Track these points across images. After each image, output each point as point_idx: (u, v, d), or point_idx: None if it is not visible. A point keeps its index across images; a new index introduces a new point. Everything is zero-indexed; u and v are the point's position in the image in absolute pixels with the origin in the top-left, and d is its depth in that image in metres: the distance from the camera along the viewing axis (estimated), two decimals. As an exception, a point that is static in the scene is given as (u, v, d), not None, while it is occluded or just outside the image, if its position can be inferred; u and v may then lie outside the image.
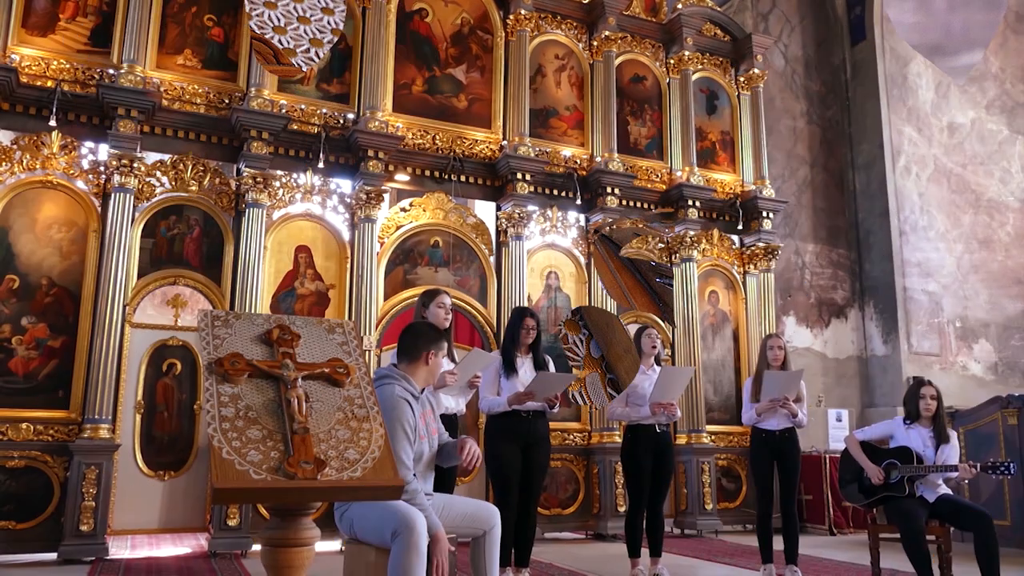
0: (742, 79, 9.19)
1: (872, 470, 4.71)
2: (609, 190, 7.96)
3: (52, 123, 6.05)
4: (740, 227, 8.69)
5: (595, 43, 8.46)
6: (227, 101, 6.80)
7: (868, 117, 10.00)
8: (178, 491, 6.27)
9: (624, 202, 8.22)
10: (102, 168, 6.30)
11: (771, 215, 8.77)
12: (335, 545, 5.94)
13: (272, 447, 1.78)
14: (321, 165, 6.88)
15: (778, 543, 5.14)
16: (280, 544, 1.85)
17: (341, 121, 7.18)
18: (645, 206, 8.52)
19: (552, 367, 4.85)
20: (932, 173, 10.03)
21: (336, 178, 7.15)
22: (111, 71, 6.39)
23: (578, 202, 7.98)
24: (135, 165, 6.25)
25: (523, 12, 7.97)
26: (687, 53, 8.78)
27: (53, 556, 5.60)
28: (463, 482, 7.12)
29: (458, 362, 4.26)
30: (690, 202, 8.35)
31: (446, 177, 7.57)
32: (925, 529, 4.43)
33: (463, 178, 7.66)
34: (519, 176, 7.57)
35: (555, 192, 8.04)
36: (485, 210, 7.99)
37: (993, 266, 10.07)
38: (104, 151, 6.33)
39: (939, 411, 4.80)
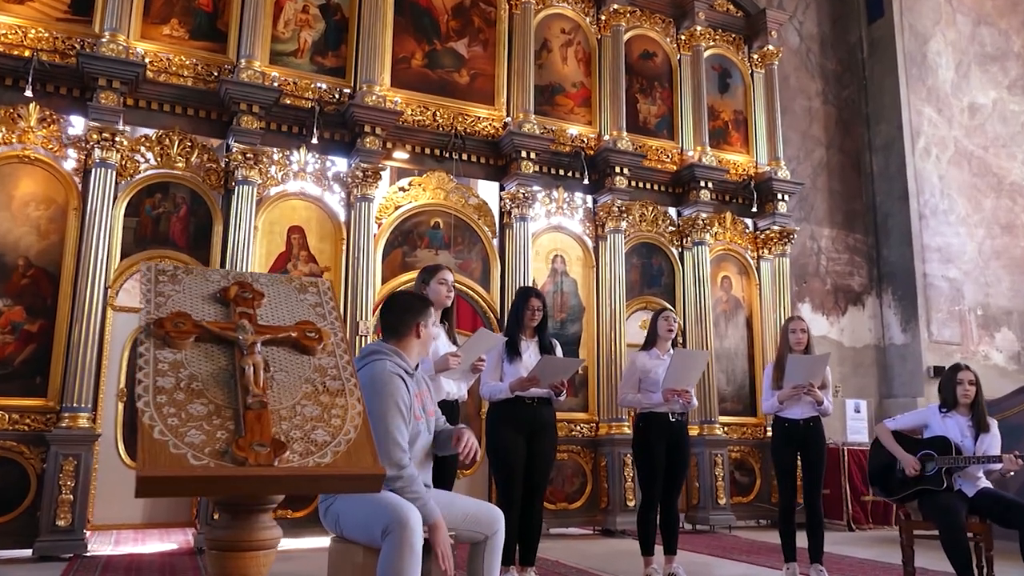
0: (756, 56, 8.82)
1: (907, 460, 4.36)
2: (618, 170, 7.59)
3: (28, 93, 5.70)
4: (755, 209, 8.32)
5: (603, 17, 8.09)
6: (216, 74, 6.44)
7: (886, 96, 9.61)
8: (163, 484, 5.93)
9: (633, 183, 7.85)
10: (83, 142, 5.95)
11: (786, 198, 8.40)
12: (326, 542, 5.60)
13: (219, 426, 1.43)
14: (315, 141, 6.53)
15: (799, 540, 4.80)
16: (230, 548, 1.48)
17: (336, 96, 6.83)
18: (655, 187, 8.16)
19: (559, 351, 4.51)
20: (952, 155, 9.64)
21: (331, 156, 6.80)
22: (92, 40, 6.03)
23: (585, 182, 7.61)
24: (117, 139, 5.89)
25: (528, -17, 7.61)
26: (699, 28, 8.41)
27: (28, 552, 5.27)
28: (464, 475, 6.78)
29: (460, 344, 3.91)
30: (702, 183, 7.98)
31: (447, 155, 7.21)
32: (966, 525, 4.08)
33: (465, 157, 7.31)
34: (523, 155, 7.21)
35: (561, 172, 7.68)
36: (488, 190, 7.63)
37: (1016, 252, 9.69)
38: (85, 125, 5.98)
39: (978, 397, 4.45)
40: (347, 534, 2.65)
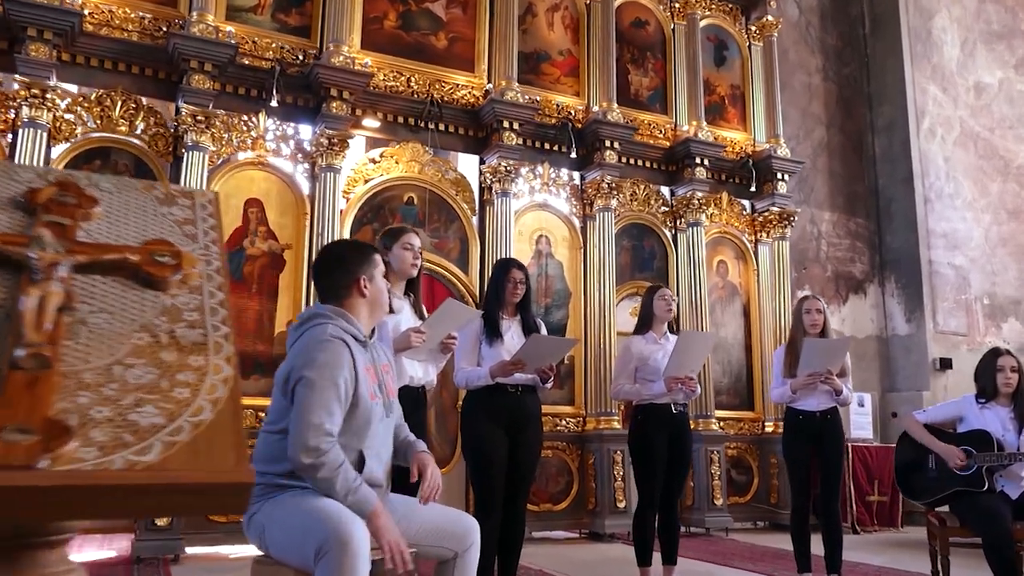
0: (753, 28, 8.28)
1: (949, 452, 3.83)
2: (608, 144, 7.01)
3: (-55, 42, 5.04)
4: (753, 189, 7.77)
5: (592, -19, 7.50)
6: (165, 29, 5.79)
7: (889, 74, 9.09)
8: (100, 484, 5.29)
9: (624, 159, 7.28)
10: (10, 100, 5.29)
11: (786, 177, 7.86)
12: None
13: (-42, 397, 0.84)
14: (275, 103, 5.90)
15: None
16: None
17: (300, 57, 6.20)
18: (647, 165, 7.59)
19: (544, 330, 3.93)
20: (958, 136, 9.14)
21: (294, 122, 6.18)
22: (23, -13, 5.36)
23: (572, 155, 7.03)
24: (48, 96, 5.24)
25: (511, -59, 7.00)
26: (694, -4, 7.85)
27: (-62, 563, 4.62)
28: (439, 474, 6.18)
29: (427, 318, 3.31)
30: (698, 160, 7.42)
31: (422, 125, 6.60)
32: (1013, 531, 3.55)
33: (442, 127, 6.69)
34: (506, 125, 6.60)
35: (546, 146, 7.09)
36: (467, 164, 7.03)
37: (1023, 239, 9.22)
38: (13, 82, 5.32)
39: (1021, 386, 3.92)
40: (274, 552, 2.06)
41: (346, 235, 6.18)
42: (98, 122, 5.56)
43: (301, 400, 2.02)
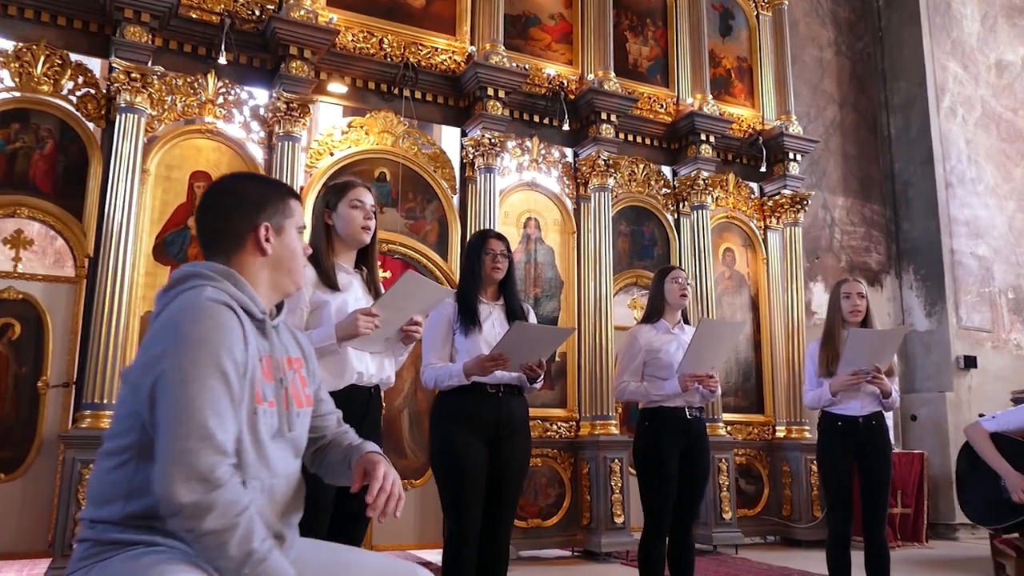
0: (762, -4, 7.60)
1: (1014, 481, 3.14)
2: (604, 116, 6.29)
3: None
4: (763, 169, 7.08)
5: (586, -62, 6.78)
6: (98, -25, 5.04)
7: (906, 50, 8.42)
8: (12, 500, 4.51)
9: (622, 135, 6.57)
10: (-92, 51, 4.53)
11: (798, 158, 7.18)
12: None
13: None
14: (223, 62, 5.14)
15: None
16: None
17: (256, 13, 5.45)
18: (647, 142, 6.88)
19: (533, 319, 3.22)
20: (979, 117, 8.48)
21: (249, 86, 5.43)
22: (-74, -80, 4.60)
23: (565, 128, 6.30)
24: (-47, 46, 4.49)
25: None
26: (697, -42, 7.14)
27: None
28: (412, 485, 5.44)
29: (382, 296, 2.56)
30: (703, 136, 6.71)
31: (396, 92, 5.86)
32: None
33: (419, 95, 5.96)
34: (491, 93, 5.87)
35: (536, 119, 6.37)
36: (447, 137, 6.30)
37: (1048, 228, 8.58)
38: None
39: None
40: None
41: (308, 213, 5.43)
42: (16, 80, 4.80)
43: (171, 401, 1.27)
